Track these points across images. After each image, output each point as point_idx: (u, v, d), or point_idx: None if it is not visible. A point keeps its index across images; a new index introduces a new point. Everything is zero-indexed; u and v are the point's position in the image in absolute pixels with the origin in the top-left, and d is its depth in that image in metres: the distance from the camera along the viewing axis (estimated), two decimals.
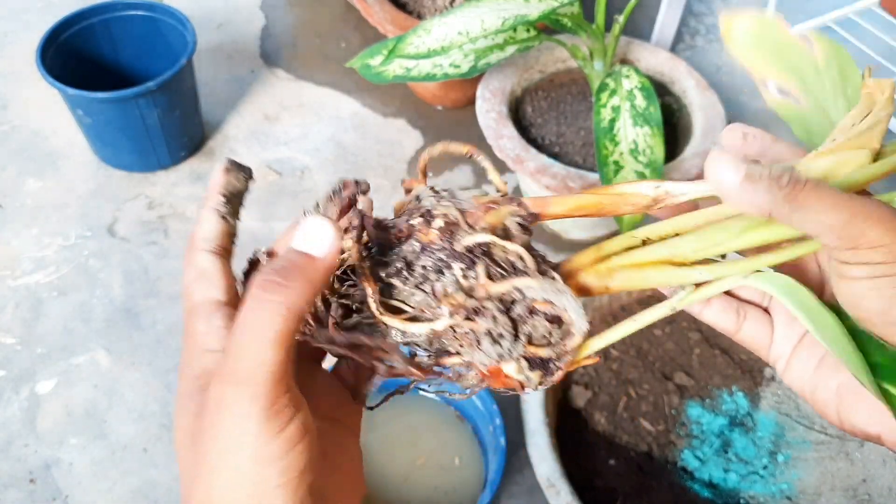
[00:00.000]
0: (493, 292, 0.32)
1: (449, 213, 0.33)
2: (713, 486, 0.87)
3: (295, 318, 0.28)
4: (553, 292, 0.32)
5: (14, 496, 0.93)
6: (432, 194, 0.34)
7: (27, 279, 1.13)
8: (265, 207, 1.23)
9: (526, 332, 0.32)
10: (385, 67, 1.04)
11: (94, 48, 1.26)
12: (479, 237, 0.32)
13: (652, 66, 1.22)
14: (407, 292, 0.33)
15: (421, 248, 0.33)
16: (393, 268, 0.33)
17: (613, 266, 0.34)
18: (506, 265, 0.33)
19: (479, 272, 0.32)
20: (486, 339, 0.32)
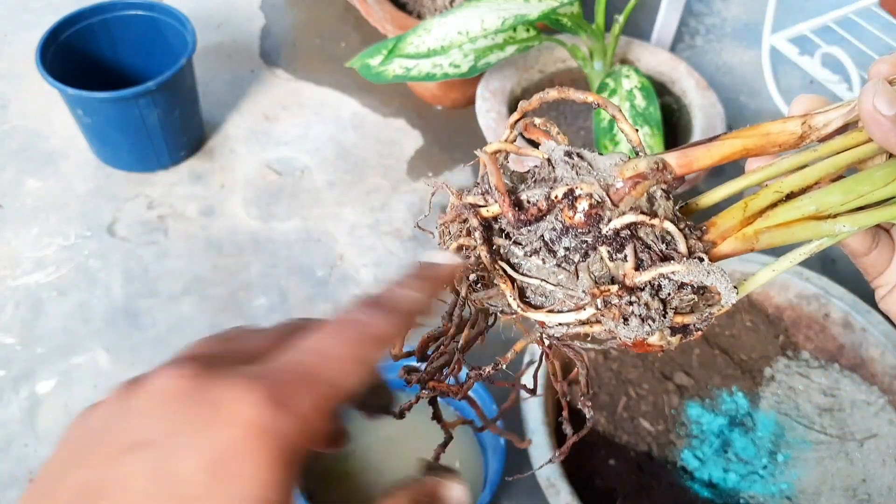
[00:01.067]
0: (641, 281, 0.31)
1: (594, 193, 0.31)
2: (713, 486, 0.87)
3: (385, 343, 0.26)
4: (702, 274, 0.31)
5: (14, 496, 0.93)
6: (568, 161, 0.32)
7: (27, 279, 1.13)
8: (265, 207, 1.23)
9: (673, 306, 0.32)
10: (385, 67, 1.04)
11: (94, 48, 1.26)
12: (626, 218, 0.31)
13: (652, 66, 1.22)
14: (546, 272, 0.31)
15: (563, 229, 0.31)
16: (530, 247, 0.31)
17: (759, 228, 0.33)
18: (654, 243, 0.31)
19: (627, 255, 0.31)
20: (635, 320, 0.31)
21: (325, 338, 0.25)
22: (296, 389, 0.23)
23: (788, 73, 1.48)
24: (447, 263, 0.31)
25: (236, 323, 1.09)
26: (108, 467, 0.22)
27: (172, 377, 0.24)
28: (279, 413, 0.22)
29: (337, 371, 0.24)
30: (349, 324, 0.26)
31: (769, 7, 1.37)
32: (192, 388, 0.23)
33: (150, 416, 0.23)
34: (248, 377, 0.23)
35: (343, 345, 0.25)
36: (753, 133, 0.32)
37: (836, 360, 0.97)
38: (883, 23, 1.43)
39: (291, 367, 0.24)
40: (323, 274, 1.15)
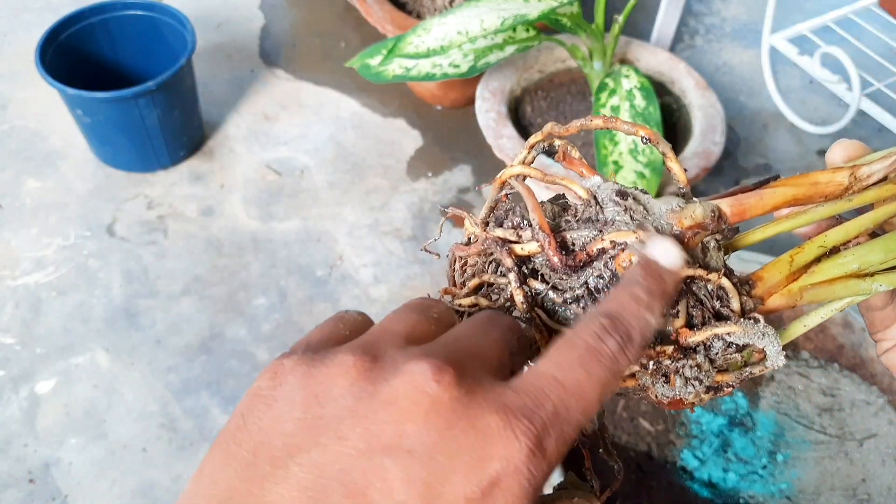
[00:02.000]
0: (694, 342, 0.29)
1: None
2: (712, 486, 0.87)
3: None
4: (757, 336, 0.29)
5: (14, 496, 0.93)
6: (620, 202, 0.30)
7: (27, 279, 1.13)
8: (264, 207, 1.23)
9: (717, 365, 0.30)
10: (384, 67, 1.04)
11: (94, 48, 1.26)
12: (684, 272, 0.29)
13: (651, 66, 1.22)
14: None
15: (612, 277, 0.29)
16: (570, 294, 0.29)
17: (804, 285, 0.33)
18: (706, 299, 0.30)
19: (679, 311, 0.29)
20: (680, 380, 0.29)
21: (573, 370, 0.24)
22: (552, 433, 0.23)
23: (788, 72, 1.48)
24: (679, 268, 0.28)
25: (236, 323, 1.09)
26: (363, 460, 0.22)
27: (431, 381, 0.22)
28: (541, 461, 0.22)
29: (584, 415, 0.24)
30: (596, 356, 0.24)
31: (769, 7, 1.37)
32: (455, 405, 0.22)
33: (410, 422, 0.22)
34: (510, 411, 0.22)
35: (589, 381, 0.24)
36: (803, 182, 0.33)
37: (835, 360, 0.97)
38: (882, 23, 1.43)
39: (546, 404, 0.23)
40: (322, 274, 1.15)
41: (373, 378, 0.23)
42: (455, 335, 0.26)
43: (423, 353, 0.24)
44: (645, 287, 0.27)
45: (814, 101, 1.44)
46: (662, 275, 0.28)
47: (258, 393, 0.25)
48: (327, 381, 0.24)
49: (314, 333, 0.27)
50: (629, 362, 0.25)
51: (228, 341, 1.07)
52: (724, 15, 1.62)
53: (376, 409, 0.23)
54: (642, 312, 0.26)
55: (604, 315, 0.25)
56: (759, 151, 1.36)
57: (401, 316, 0.27)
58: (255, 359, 1.06)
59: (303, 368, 0.24)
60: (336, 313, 0.29)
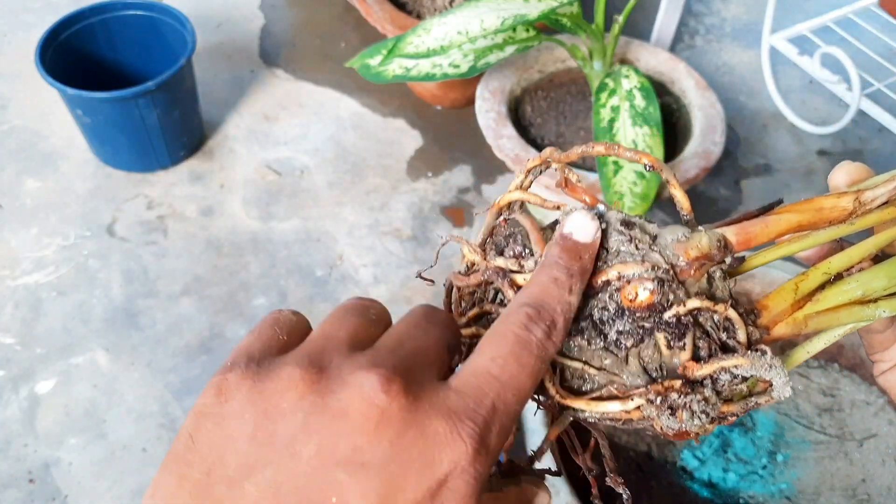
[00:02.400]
0: (701, 375, 0.29)
1: (661, 274, 0.28)
2: (712, 486, 0.87)
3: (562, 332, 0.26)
4: (764, 368, 0.29)
5: (13, 496, 0.93)
6: (624, 233, 0.29)
7: (26, 279, 1.13)
8: (264, 207, 1.23)
9: (723, 396, 0.30)
10: (384, 67, 1.04)
11: (94, 48, 1.26)
12: (691, 304, 0.28)
13: (651, 66, 1.22)
14: (590, 354, 0.29)
15: (618, 310, 0.28)
16: (574, 327, 0.29)
17: (809, 313, 0.33)
18: (713, 331, 0.29)
19: (686, 343, 0.28)
20: (686, 413, 0.29)
21: (506, 364, 0.25)
22: (493, 428, 0.24)
23: (788, 73, 1.48)
24: (594, 240, 0.28)
25: (236, 323, 1.09)
26: (318, 476, 0.22)
27: (380, 393, 0.23)
28: (485, 457, 0.23)
29: (520, 404, 0.25)
30: (525, 345, 0.25)
31: (769, 7, 1.37)
32: (405, 414, 0.23)
33: (362, 435, 0.22)
34: (454, 414, 0.23)
35: (523, 373, 0.25)
36: (808, 208, 0.33)
37: (835, 361, 0.97)
38: (882, 23, 1.43)
39: (486, 401, 0.24)
40: (322, 274, 1.15)
41: (321, 390, 0.23)
42: (397, 337, 0.26)
43: (370, 363, 0.24)
44: (564, 267, 0.27)
45: (814, 102, 1.44)
46: (580, 252, 0.28)
47: (204, 411, 0.24)
48: (276, 396, 0.23)
49: (252, 342, 0.26)
50: (556, 347, 0.26)
51: (228, 341, 1.07)
52: (724, 15, 1.62)
53: (327, 423, 0.23)
54: (564, 296, 0.27)
55: (528, 304, 0.26)
56: (759, 151, 1.36)
57: (340, 320, 0.27)
58: None
59: (248, 383, 0.24)
60: (270, 314, 0.28)
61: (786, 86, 1.46)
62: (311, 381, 0.24)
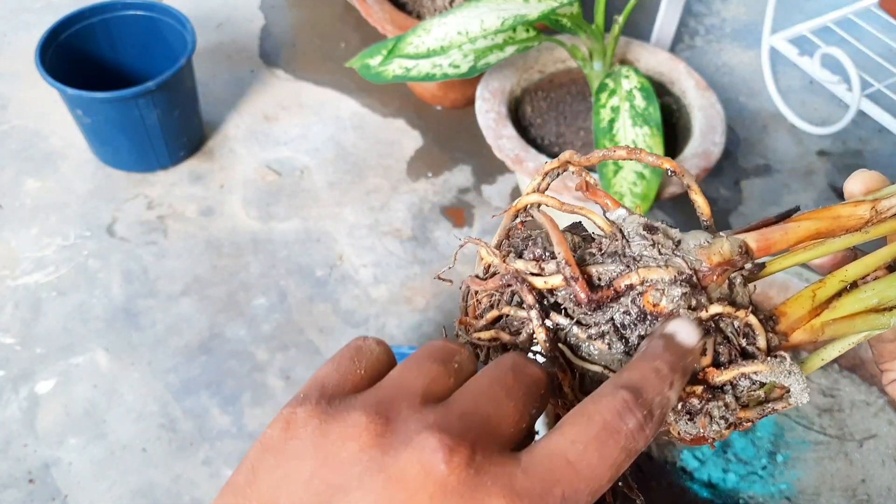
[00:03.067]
0: (722, 381, 0.29)
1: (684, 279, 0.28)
2: (712, 487, 0.87)
3: None
4: (783, 374, 0.29)
5: (13, 496, 0.93)
6: (647, 238, 0.29)
7: (26, 279, 1.13)
8: (264, 207, 1.23)
9: (741, 403, 0.30)
10: (384, 67, 1.04)
11: (94, 48, 1.26)
12: (714, 309, 0.29)
13: (651, 66, 1.22)
14: (610, 358, 0.28)
15: (640, 314, 0.28)
16: (595, 330, 0.28)
17: (826, 320, 0.34)
18: (733, 336, 0.29)
19: (707, 349, 0.29)
20: (705, 419, 0.29)
21: (586, 451, 0.23)
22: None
23: (788, 73, 1.48)
24: (697, 347, 0.27)
25: (236, 323, 1.09)
26: None
27: (440, 463, 0.22)
28: None
29: (592, 497, 0.23)
30: (613, 435, 0.23)
31: (769, 7, 1.37)
32: (462, 489, 0.22)
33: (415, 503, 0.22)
34: (517, 497, 0.22)
35: (603, 464, 0.23)
36: (826, 216, 0.33)
37: (835, 361, 0.97)
38: (882, 23, 1.43)
39: (555, 490, 0.22)
40: (322, 274, 1.15)
41: (384, 446, 0.23)
42: (474, 397, 0.25)
43: (437, 425, 0.23)
44: (668, 361, 0.26)
45: (814, 102, 1.44)
46: (684, 353, 0.27)
47: (269, 444, 0.24)
48: (338, 443, 0.23)
49: (330, 373, 0.26)
50: (647, 441, 0.24)
51: (228, 341, 1.07)
52: (724, 15, 1.62)
53: (384, 484, 0.22)
54: (664, 388, 0.25)
55: (625, 388, 0.24)
56: (759, 152, 1.36)
57: (420, 366, 0.26)
58: (255, 359, 1.06)
59: (315, 422, 0.23)
60: (353, 341, 0.27)
61: (786, 86, 1.46)
62: (376, 433, 0.23)
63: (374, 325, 1.09)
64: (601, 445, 0.23)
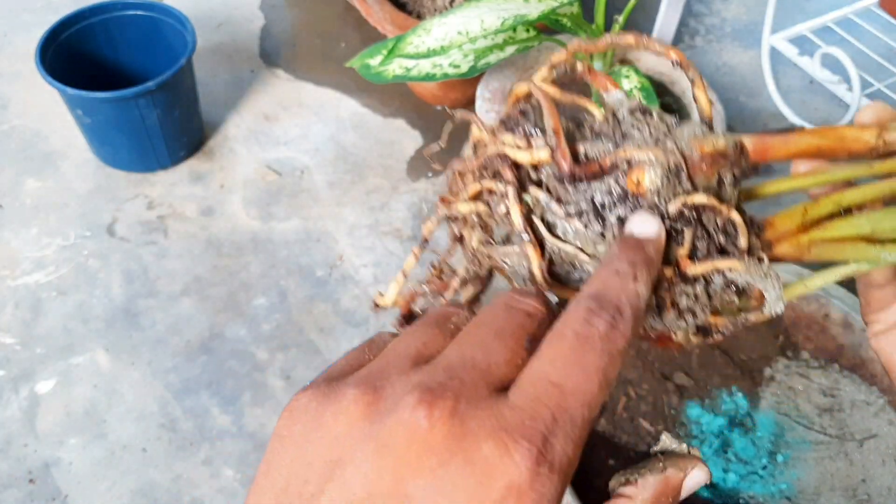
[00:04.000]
0: (695, 273, 0.28)
1: (672, 162, 0.27)
2: (712, 486, 0.87)
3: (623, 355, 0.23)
4: (759, 276, 0.28)
5: (13, 496, 0.93)
6: (639, 119, 0.29)
7: (26, 279, 1.13)
8: (264, 207, 1.23)
9: (713, 304, 0.29)
10: (385, 67, 1.04)
11: (94, 48, 1.26)
12: (697, 198, 0.28)
13: (652, 66, 1.22)
14: (585, 239, 0.27)
15: (621, 195, 0.27)
16: (574, 208, 0.27)
17: (814, 238, 0.33)
18: (714, 232, 0.29)
19: (684, 239, 0.28)
20: (673, 312, 0.28)
21: (566, 367, 0.23)
22: (555, 442, 0.22)
23: (788, 73, 1.48)
24: (658, 236, 0.27)
25: (236, 323, 1.09)
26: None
27: (422, 419, 0.21)
28: (548, 476, 0.21)
29: (588, 409, 0.23)
30: (587, 342, 0.23)
31: (769, 7, 1.37)
32: (448, 441, 0.21)
33: (405, 466, 0.21)
34: (506, 433, 0.21)
35: (586, 374, 0.23)
36: (829, 135, 0.32)
37: (835, 361, 0.97)
38: (883, 23, 1.43)
39: (544, 413, 0.22)
40: (323, 274, 1.15)
41: (371, 415, 0.23)
42: (461, 347, 0.24)
43: (420, 384, 0.22)
44: (625, 258, 0.25)
45: (814, 102, 1.44)
46: (642, 244, 0.26)
47: (278, 433, 0.24)
48: (332, 420, 0.23)
49: (338, 363, 0.26)
50: (626, 338, 0.24)
51: (228, 341, 1.07)
52: (724, 15, 1.62)
53: (374, 452, 0.22)
54: (627, 284, 0.25)
55: (587, 297, 0.24)
56: None
57: (416, 332, 0.26)
58: (255, 359, 1.06)
59: (314, 405, 0.24)
60: (372, 336, 0.27)
61: (786, 86, 1.46)
62: (366, 403, 0.23)
63: (375, 325, 1.09)
64: (579, 356, 0.23)
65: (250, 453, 0.97)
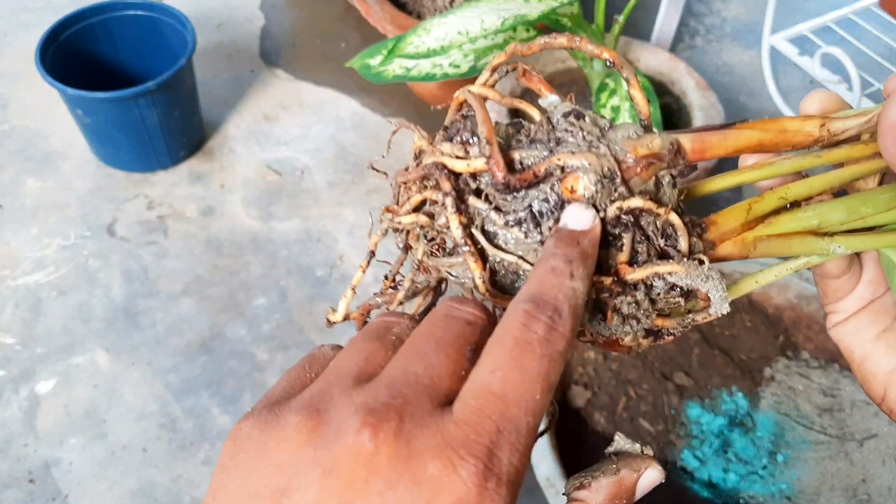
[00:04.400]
0: (634, 279, 0.28)
1: (605, 167, 0.27)
2: (713, 486, 0.87)
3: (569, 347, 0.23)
4: (700, 279, 0.28)
5: (14, 496, 0.93)
6: (574, 123, 0.28)
7: (27, 279, 1.13)
8: (264, 207, 1.23)
9: (658, 307, 0.29)
10: (385, 67, 1.04)
11: (94, 48, 1.26)
12: (634, 202, 0.27)
13: (652, 66, 1.22)
14: (525, 248, 0.27)
15: (558, 202, 0.27)
16: (513, 217, 0.27)
17: (760, 235, 0.32)
18: (654, 235, 0.28)
19: (624, 244, 0.27)
20: (617, 318, 0.28)
21: (506, 375, 0.22)
22: (500, 454, 0.21)
23: (788, 73, 1.48)
24: (592, 227, 0.26)
25: (236, 323, 1.09)
26: None
27: (367, 442, 0.21)
28: (495, 489, 0.21)
29: (533, 416, 0.22)
30: (526, 347, 0.22)
31: (769, 7, 1.37)
32: (394, 462, 0.21)
33: (352, 491, 0.21)
34: (450, 450, 0.21)
35: (527, 380, 0.22)
36: (770, 128, 0.30)
37: (835, 361, 0.97)
38: (883, 23, 1.43)
39: (487, 426, 0.22)
40: (323, 274, 1.15)
41: (314, 441, 0.22)
42: (403, 362, 0.24)
43: (362, 405, 0.22)
44: (560, 255, 0.25)
45: None
46: (577, 238, 0.26)
47: (222, 463, 0.24)
48: (275, 448, 0.22)
49: (279, 384, 0.25)
50: (565, 339, 0.23)
51: (228, 341, 1.07)
52: (724, 15, 1.62)
53: (321, 479, 0.21)
54: (564, 282, 0.24)
55: (524, 300, 0.23)
56: None
57: (356, 348, 0.25)
58: (255, 359, 1.06)
59: (256, 433, 0.23)
60: (311, 351, 0.27)
61: (786, 86, 1.46)
62: (308, 429, 0.22)
63: None
64: (518, 363, 0.22)
65: None
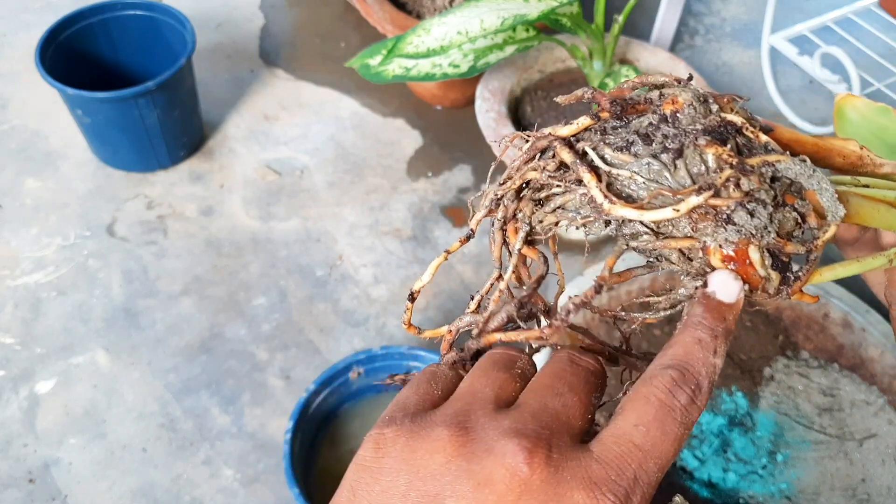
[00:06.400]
0: (751, 163, 0.28)
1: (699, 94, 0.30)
2: (712, 486, 0.87)
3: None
4: (805, 175, 0.29)
5: (13, 496, 0.93)
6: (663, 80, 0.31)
7: (26, 279, 1.13)
8: (264, 207, 1.23)
9: (778, 218, 0.29)
10: (384, 67, 1.04)
11: (94, 48, 1.26)
12: (730, 116, 0.30)
13: (651, 65, 1.22)
14: (638, 165, 0.29)
15: (663, 117, 0.29)
16: (622, 141, 0.29)
17: (848, 191, 0.32)
18: (757, 149, 0.29)
19: (729, 145, 0.29)
20: (742, 211, 0.28)
21: (649, 432, 0.25)
22: (634, 499, 0.24)
23: (788, 73, 1.48)
24: (738, 301, 0.28)
25: (236, 323, 1.09)
26: None
27: (522, 465, 0.24)
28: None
29: (662, 471, 0.25)
30: (669, 413, 0.25)
31: (768, 7, 1.37)
32: (545, 486, 0.24)
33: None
34: (595, 486, 0.24)
35: (666, 440, 0.25)
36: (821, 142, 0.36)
37: (835, 360, 0.97)
38: (882, 23, 1.43)
39: (627, 472, 0.24)
40: (322, 274, 1.15)
41: (467, 455, 0.24)
42: (541, 396, 0.27)
43: (513, 430, 0.25)
44: (709, 328, 0.27)
45: (814, 101, 1.44)
46: (724, 313, 0.28)
47: (363, 464, 0.26)
48: (426, 457, 0.25)
49: (410, 395, 0.28)
50: (700, 411, 0.26)
51: (228, 341, 1.07)
52: (724, 15, 1.62)
53: (473, 490, 0.24)
54: (708, 358, 0.26)
55: (672, 367, 0.26)
56: None
57: (487, 375, 0.28)
58: (255, 359, 1.06)
59: (402, 440, 0.25)
60: (427, 368, 0.30)
61: (786, 86, 1.46)
62: (459, 443, 0.25)
63: (374, 324, 1.09)
64: (661, 424, 0.25)
65: (250, 453, 0.97)
